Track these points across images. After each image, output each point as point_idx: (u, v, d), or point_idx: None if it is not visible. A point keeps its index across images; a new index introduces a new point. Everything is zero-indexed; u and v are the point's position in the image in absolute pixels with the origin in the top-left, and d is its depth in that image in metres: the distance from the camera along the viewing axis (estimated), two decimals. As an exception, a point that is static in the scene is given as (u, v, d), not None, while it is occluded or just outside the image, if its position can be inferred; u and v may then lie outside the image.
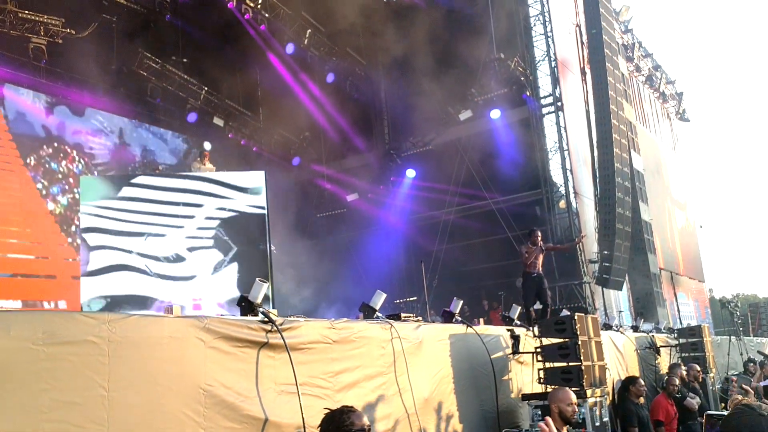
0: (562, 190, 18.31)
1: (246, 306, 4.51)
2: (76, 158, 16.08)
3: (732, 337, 17.46)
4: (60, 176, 15.60)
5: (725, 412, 6.79)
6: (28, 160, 14.97)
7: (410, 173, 20.22)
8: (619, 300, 19.27)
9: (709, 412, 7.80)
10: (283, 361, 4.35)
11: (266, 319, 4.38)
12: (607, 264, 16.76)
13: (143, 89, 16.97)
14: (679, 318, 23.84)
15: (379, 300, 5.91)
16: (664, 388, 9.12)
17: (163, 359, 3.67)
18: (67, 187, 15.59)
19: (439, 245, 19.05)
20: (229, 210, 10.82)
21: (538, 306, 10.98)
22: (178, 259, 10.21)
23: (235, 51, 19.12)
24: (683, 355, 12.14)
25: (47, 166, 15.38)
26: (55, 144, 15.70)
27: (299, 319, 4.73)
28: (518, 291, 17.48)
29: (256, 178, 11.36)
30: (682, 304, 25.63)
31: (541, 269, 10.86)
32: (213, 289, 10.25)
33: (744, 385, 12.08)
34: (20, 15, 14.33)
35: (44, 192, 15.16)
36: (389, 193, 20.81)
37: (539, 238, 10.86)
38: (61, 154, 15.78)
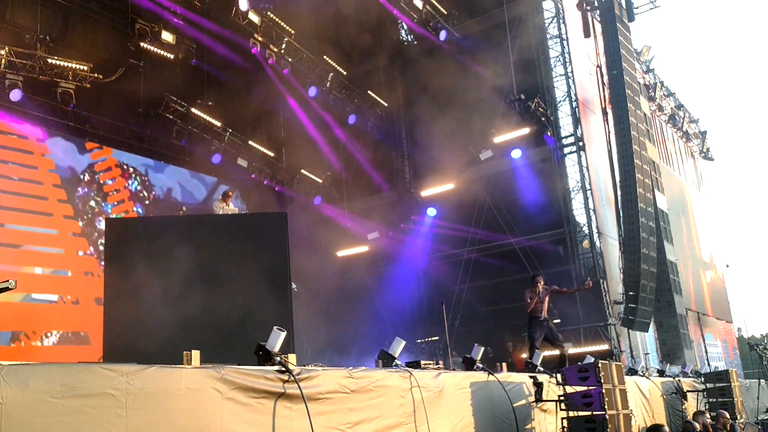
0: (586, 229, 18.18)
1: (263, 355, 4.50)
2: (101, 199, 16.36)
3: (762, 380, 17.02)
4: (86, 215, 15.84)
5: None
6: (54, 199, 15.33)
7: (431, 212, 20.22)
8: (646, 342, 18.92)
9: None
10: (301, 412, 4.33)
11: (283, 369, 4.37)
12: (633, 305, 16.51)
13: (169, 131, 17.29)
14: (707, 359, 23.32)
15: (398, 347, 5.86)
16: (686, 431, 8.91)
17: (180, 411, 3.67)
18: (90, 225, 15.83)
19: (461, 284, 18.93)
20: (251, 251, 10.83)
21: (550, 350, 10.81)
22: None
23: (258, 94, 19.46)
24: (711, 400, 11.83)
25: (74, 205, 15.66)
26: (81, 184, 16.00)
27: (317, 368, 4.71)
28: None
29: (278, 219, 11.40)
30: (709, 345, 25.09)
31: (547, 313, 10.67)
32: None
33: None
34: (49, 61, 14.72)
35: (70, 232, 15.42)
36: (410, 231, 20.80)
37: (541, 284, 10.64)
38: (87, 194, 16.06)
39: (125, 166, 17.14)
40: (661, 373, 12.55)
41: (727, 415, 10.52)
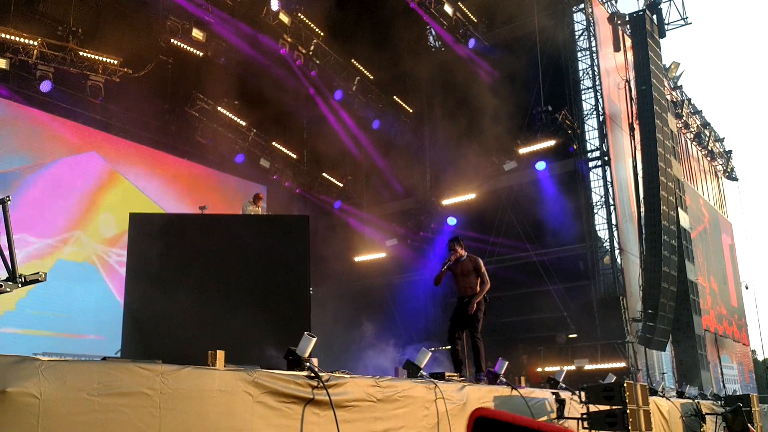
0: (607, 245, 18.02)
1: (293, 360, 4.47)
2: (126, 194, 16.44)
3: (778, 405, 16.77)
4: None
5: None
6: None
7: (451, 221, 20.13)
8: (662, 361, 18.71)
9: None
10: (328, 419, 4.28)
11: (313, 375, 4.33)
12: (651, 323, 16.35)
13: (194, 129, 17.36)
14: (723, 382, 23.03)
15: (423, 358, 5.82)
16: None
17: (211, 413, 3.64)
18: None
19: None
20: (272, 253, 10.82)
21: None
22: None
23: (284, 95, 19.51)
24: (731, 424, 11.65)
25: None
26: (106, 179, 16.11)
27: (344, 375, 4.66)
28: (556, 346, 17.26)
29: (299, 222, 11.39)
30: (726, 367, 24.79)
31: (470, 291, 8.13)
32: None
33: None
34: (80, 54, 14.86)
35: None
36: (429, 240, 20.73)
37: (460, 250, 8.24)
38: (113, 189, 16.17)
39: (142, 165, 17.13)
40: (680, 394, 12.37)
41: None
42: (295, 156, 20.75)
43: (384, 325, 19.17)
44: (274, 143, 19.50)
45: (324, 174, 21.34)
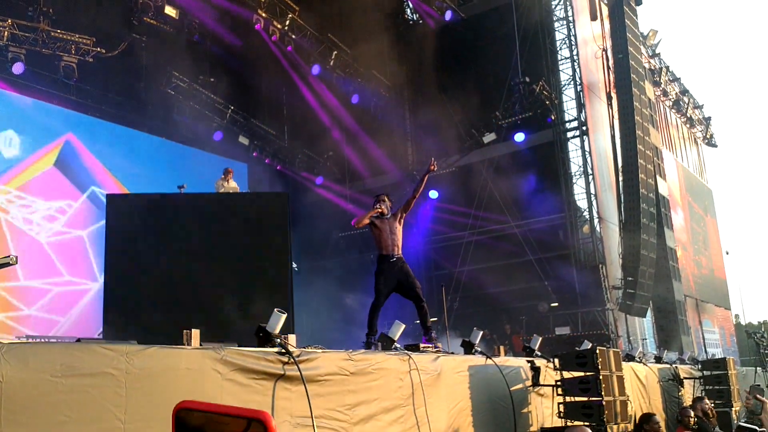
0: (586, 214, 18.16)
1: (263, 336, 4.51)
2: (103, 175, 16.31)
3: (758, 368, 17.13)
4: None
5: None
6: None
7: (433, 194, 20.14)
8: (643, 327, 18.99)
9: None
10: (300, 393, 4.34)
11: (283, 351, 4.38)
12: (631, 290, 16.56)
13: (170, 107, 17.18)
14: (704, 346, 23.43)
15: (397, 331, 5.88)
16: (680, 421, 8.95)
17: (179, 391, 3.67)
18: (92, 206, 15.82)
19: (461, 267, 18.96)
20: (252, 230, 10.81)
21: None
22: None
23: (261, 71, 19.33)
24: (707, 387, 11.89)
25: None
26: (84, 161, 15.96)
27: (316, 350, 4.71)
28: (538, 315, 17.44)
29: (279, 199, 11.38)
30: (707, 331, 25.20)
31: (400, 250, 7.85)
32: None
33: (758, 396, 11.89)
34: (52, 34, 14.60)
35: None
36: (411, 213, 20.72)
37: (386, 203, 7.89)
38: (89, 172, 16.03)
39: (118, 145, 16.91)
40: (659, 359, 12.58)
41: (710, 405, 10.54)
42: (274, 132, 20.63)
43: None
44: (252, 120, 19.37)
45: (305, 150, 21.26)
